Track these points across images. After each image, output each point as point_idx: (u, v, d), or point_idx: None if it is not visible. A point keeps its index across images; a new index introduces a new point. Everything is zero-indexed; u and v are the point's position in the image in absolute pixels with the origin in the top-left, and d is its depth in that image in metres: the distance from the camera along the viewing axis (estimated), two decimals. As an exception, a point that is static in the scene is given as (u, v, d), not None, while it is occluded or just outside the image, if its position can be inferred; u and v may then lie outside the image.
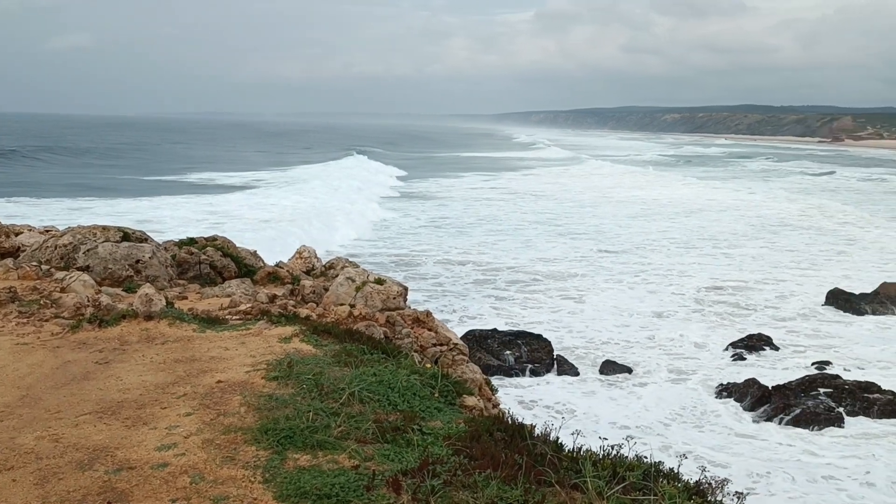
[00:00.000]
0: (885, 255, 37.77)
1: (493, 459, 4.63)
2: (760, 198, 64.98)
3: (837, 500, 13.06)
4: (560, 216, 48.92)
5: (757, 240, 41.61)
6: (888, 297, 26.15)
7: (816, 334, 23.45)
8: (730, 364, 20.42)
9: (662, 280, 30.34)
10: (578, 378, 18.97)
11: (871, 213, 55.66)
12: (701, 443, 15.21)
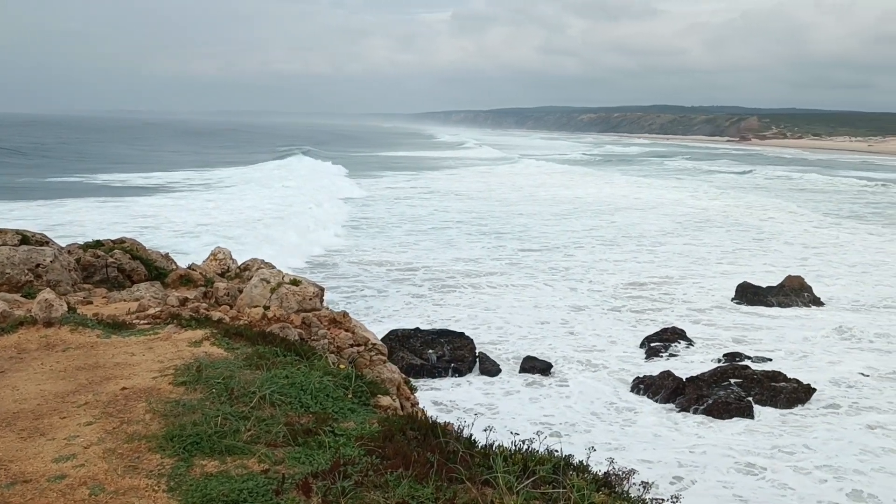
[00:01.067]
0: (802, 250, 39.37)
1: (405, 458, 4.59)
2: (684, 195, 66.82)
3: (749, 488, 13.51)
4: (485, 216, 49.21)
5: (681, 236, 42.72)
6: (792, 290, 27.27)
7: (727, 327, 24.26)
8: (645, 358, 20.92)
9: (584, 277, 30.88)
10: (500, 375, 19.11)
11: (790, 209, 58.09)
12: (617, 436, 15.51)
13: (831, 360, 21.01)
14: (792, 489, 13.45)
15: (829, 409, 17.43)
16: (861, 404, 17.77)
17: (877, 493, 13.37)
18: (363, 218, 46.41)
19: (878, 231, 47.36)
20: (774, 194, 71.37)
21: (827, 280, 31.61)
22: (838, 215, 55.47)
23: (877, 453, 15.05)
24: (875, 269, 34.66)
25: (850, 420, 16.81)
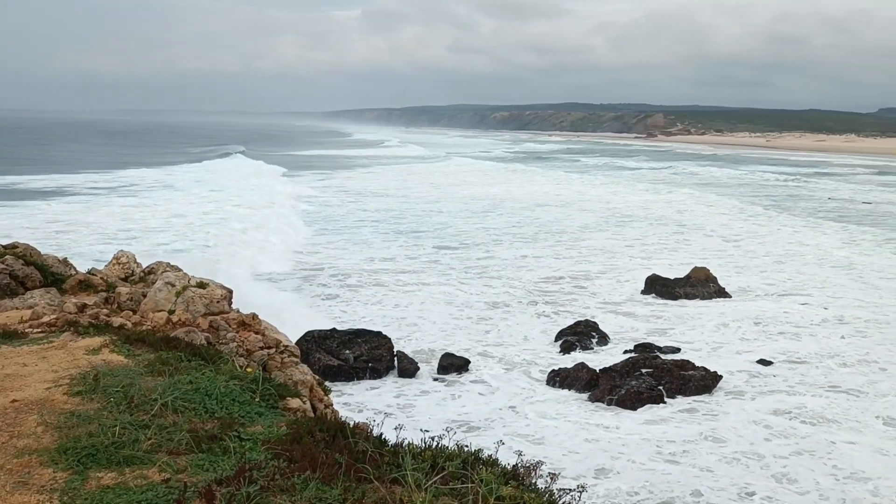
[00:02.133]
0: (721, 242, 40.74)
1: (313, 460, 4.48)
2: (604, 191, 68.17)
3: (671, 473, 13.84)
4: (403, 214, 49.05)
5: (603, 232, 43.53)
6: (699, 281, 28.18)
7: (639, 319, 24.89)
8: (560, 351, 21.25)
9: (501, 274, 31.14)
10: (418, 374, 19.07)
11: (708, 202, 60.08)
12: (534, 429, 15.68)
13: (737, 349, 21.82)
14: (712, 472, 13.87)
15: (737, 396, 18.08)
16: (766, 390, 18.50)
17: (797, 477, 13.92)
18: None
19: (790, 223, 49.47)
20: (693, 189, 73.70)
21: (740, 270, 32.90)
22: (754, 208, 57.47)
23: (786, 436, 15.70)
24: (788, 258, 36.21)
25: (758, 405, 17.47)
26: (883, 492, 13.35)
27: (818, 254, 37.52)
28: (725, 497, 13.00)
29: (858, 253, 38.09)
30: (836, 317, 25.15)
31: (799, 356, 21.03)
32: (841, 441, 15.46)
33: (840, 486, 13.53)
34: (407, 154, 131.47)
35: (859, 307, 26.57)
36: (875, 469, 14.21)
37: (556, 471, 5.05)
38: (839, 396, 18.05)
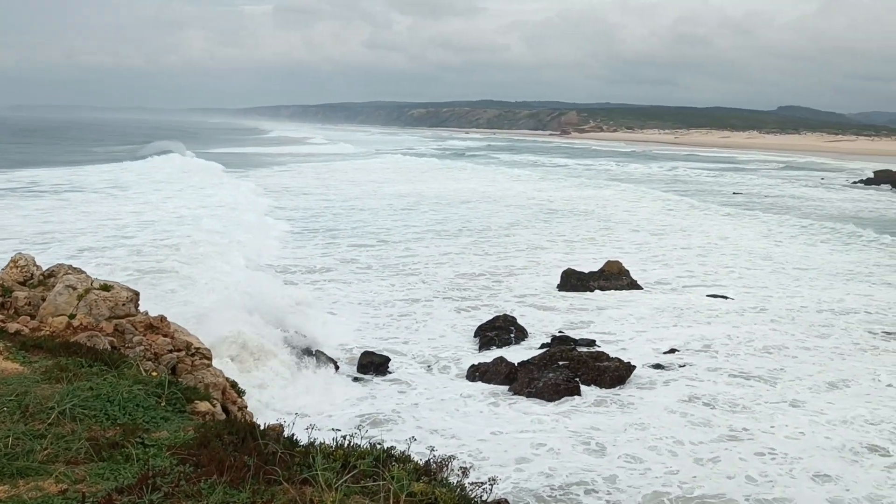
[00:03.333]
0: (646, 236, 41.69)
1: (220, 464, 4.35)
2: (528, 187, 68.92)
3: (596, 464, 14.07)
4: (321, 213, 48.39)
5: (528, 228, 43.90)
6: (612, 274, 28.82)
7: (556, 312, 25.27)
8: (479, 346, 21.37)
9: (422, 271, 31.12)
10: (337, 372, 18.86)
11: (630, 197, 61.51)
12: (451, 423, 15.72)
13: (650, 339, 22.41)
14: (641, 461, 14.18)
15: (651, 385, 18.56)
16: (679, 379, 19.06)
17: (719, 461, 14.38)
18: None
19: (711, 216, 51.15)
20: (616, 184, 75.34)
21: (664, 263, 33.89)
22: (676, 202, 59.21)
23: (703, 423, 16.20)
24: (709, 251, 37.44)
25: (671, 394, 17.99)
26: (798, 473, 13.97)
27: (737, 245, 38.95)
28: (644, 482, 13.33)
29: (775, 244, 39.77)
30: (750, 307, 26.12)
31: (711, 345, 21.76)
32: (755, 426, 16.08)
33: (760, 468, 14.07)
34: (333, 151, 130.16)
35: (775, 297, 27.67)
36: (791, 451, 14.84)
37: (474, 465, 5.06)
38: (751, 383, 18.76)
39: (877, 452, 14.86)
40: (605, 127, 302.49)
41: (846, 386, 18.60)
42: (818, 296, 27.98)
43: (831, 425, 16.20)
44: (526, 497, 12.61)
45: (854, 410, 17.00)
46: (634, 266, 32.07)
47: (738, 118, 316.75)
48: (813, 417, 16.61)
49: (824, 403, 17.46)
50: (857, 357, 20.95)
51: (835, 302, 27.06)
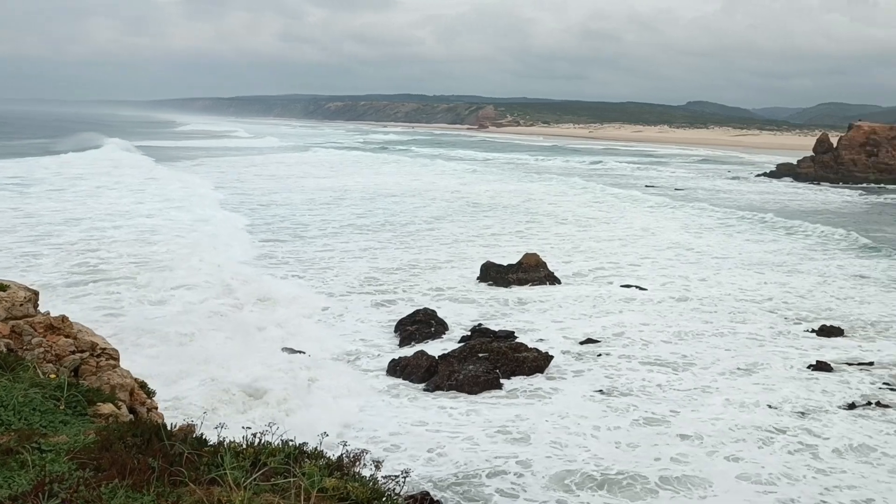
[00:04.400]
0: (572, 229, 42.31)
1: (123, 467, 4.15)
2: (454, 182, 69.18)
3: (521, 453, 14.18)
4: (237, 208, 47.11)
5: (454, 222, 43.94)
6: (530, 266, 29.14)
7: (475, 305, 25.37)
8: (400, 341, 21.28)
9: (338, 266, 30.76)
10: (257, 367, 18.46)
11: (557, 191, 62.39)
12: (369, 418, 15.60)
13: (566, 330, 22.78)
14: (559, 446, 14.38)
15: (569, 374, 18.89)
16: (595, 368, 19.46)
17: (638, 445, 14.79)
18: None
19: (637, 209, 52.39)
20: (541, 178, 76.36)
21: (581, 255, 34.49)
22: (601, 195, 60.45)
23: (620, 409, 16.58)
24: (632, 241, 38.39)
25: (588, 381, 18.36)
26: (711, 454, 14.49)
27: (659, 237, 40.10)
28: (558, 465, 13.54)
29: (695, 236, 41.03)
30: (668, 296, 26.89)
31: (627, 334, 22.30)
32: (670, 411, 16.55)
33: (674, 450, 14.49)
34: (262, 145, 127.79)
35: (693, 286, 28.57)
36: (705, 432, 15.35)
37: (389, 457, 4.98)
38: (666, 369, 19.31)
39: (785, 433, 15.51)
40: (521, 121, 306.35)
41: (757, 371, 19.34)
42: (735, 284, 29.03)
43: (743, 408, 16.82)
44: (438, 486, 12.65)
45: (765, 394, 17.70)
46: (558, 258, 32.70)
47: (650, 113, 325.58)
48: (725, 401, 17.21)
49: (736, 388, 18.11)
50: (769, 343, 21.78)
51: (750, 290, 28.09)
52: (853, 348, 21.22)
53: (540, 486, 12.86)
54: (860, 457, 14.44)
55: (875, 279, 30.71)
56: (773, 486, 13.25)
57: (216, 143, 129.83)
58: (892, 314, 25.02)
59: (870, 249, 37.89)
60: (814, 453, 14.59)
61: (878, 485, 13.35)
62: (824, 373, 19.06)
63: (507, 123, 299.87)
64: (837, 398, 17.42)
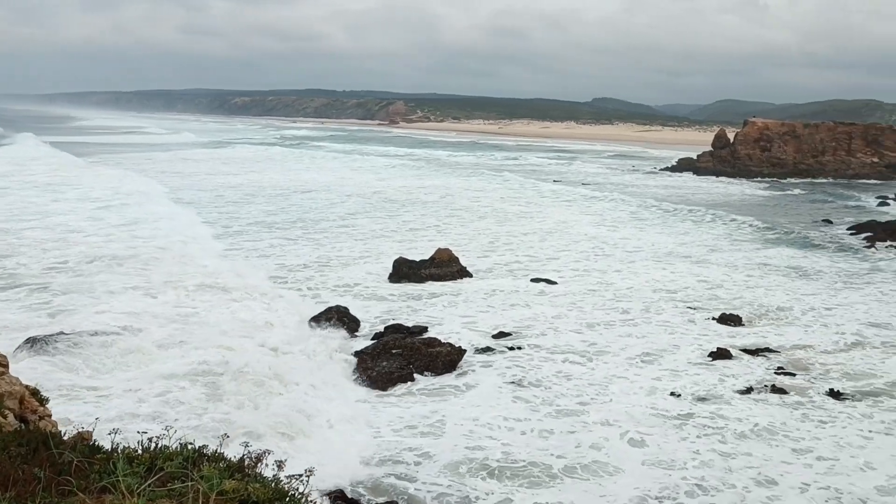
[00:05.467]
0: (491, 224, 42.50)
1: (6, 479, 3.89)
2: (374, 176, 68.90)
3: (435, 446, 14.17)
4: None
5: (369, 218, 43.49)
6: (442, 262, 29.21)
7: (389, 301, 25.24)
8: (313, 336, 20.95)
9: (247, 261, 30.10)
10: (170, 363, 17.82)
11: (477, 186, 62.68)
12: (280, 419, 15.31)
13: (479, 324, 22.97)
14: (472, 437, 14.44)
15: (481, 368, 19.02)
16: (507, 360, 19.69)
17: (555, 433, 15.06)
18: None
19: (554, 203, 53.24)
20: (458, 173, 76.71)
21: (498, 249, 34.83)
22: (519, 190, 61.19)
23: (529, 400, 16.81)
24: (549, 236, 38.91)
25: (501, 374, 18.55)
26: (617, 440, 14.92)
27: (575, 230, 40.85)
28: (468, 455, 13.62)
29: (609, 228, 42.03)
30: (579, 289, 27.39)
31: (538, 327, 22.62)
32: (579, 400, 16.88)
33: (585, 437, 14.80)
34: (179, 141, 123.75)
35: (605, 278, 29.20)
36: (612, 419, 15.72)
37: (294, 456, 4.85)
38: (576, 360, 19.69)
39: (688, 418, 16.05)
40: (432, 117, 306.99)
41: (662, 359, 19.95)
42: (646, 276, 29.85)
43: (648, 395, 17.34)
44: (342, 482, 12.55)
45: (669, 381, 18.27)
46: (475, 253, 32.98)
47: (557, 109, 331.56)
48: (632, 389, 17.69)
49: (642, 376, 18.65)
50: (675, 332, 22.47)
51: (659, 281, 28.94)
52: (752, 335, 22.15)
53: (431, 473, 12.94)
54: (761, 439, 15.08)
55: (775, 267, 32.17)
56: (680, 469, 13.70)
57: (131, 139, 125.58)
58: (790, 301, 26.22)
59: (771, 240, 39.68)
60: (716, 437, 15.15)
61: (779, 465, 13.96)
62: (724, 360, 19.81)
63: (417, 119, 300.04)
64: (736, 384, 18.14)
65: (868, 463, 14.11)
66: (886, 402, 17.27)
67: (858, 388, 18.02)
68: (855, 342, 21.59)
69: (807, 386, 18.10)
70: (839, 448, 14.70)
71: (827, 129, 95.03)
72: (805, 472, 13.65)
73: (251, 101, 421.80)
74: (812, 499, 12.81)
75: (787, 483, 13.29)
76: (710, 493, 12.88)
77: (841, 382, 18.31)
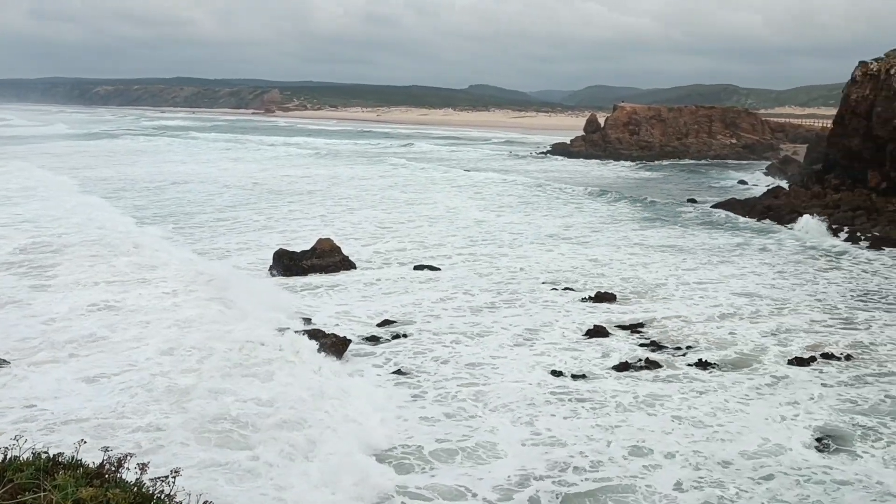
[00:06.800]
0: (371, 212, 42.04)
1: None
2: (256, 167, 67.31)
3: (317, 435, 13.84)
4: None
5: (251, 210, 42.39)
6: (324, 252, 28.76)
7: (271, 293, 24.57)
8: (181, 332, 20.16)
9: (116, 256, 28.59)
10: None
11: (361, 175, 61.83)
12: (150, 421, 14.63)
13: (363, 313, 22.79)
14: (352, 426, 14.22)
15: (366, 357, 18.87)
16: (390, 349, 19.63)
17: (428, 418, 15.14)
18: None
19: (445, 190, 53.25)
20: (342, 161, 75.71)
21: (384, 237, 34.60)
22: (407, 177, 61.03)
23: (412, 387, 16.89)
24: (435, 222, 38.89)
25: (386, 363, 18.52)
26: (507, 418, 15.16)
27: (463, 217, 41.09)
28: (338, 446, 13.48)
29: (496, 214, 42.56)
30: (463, 275, 27.53)
31: (424, 312, 22.70)
32: (464, 383, 17.05)
33: (466, 422, 14.91)
34: (50, 133, 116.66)
35: (490, 263, 29.43)
36: (499, 402, 15.96)
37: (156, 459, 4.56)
38: (461, 345, 19.85)
39: (567, 396, 16.48)
40: (309, 105, 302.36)
41: (542, 339, 20.39)
42: (530, 258, 30.40)
43: (529, 374, 17.69)
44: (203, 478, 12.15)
45: (548, 360, 18.70)
46: (359, 241, 32.73)
47: (435, 96, 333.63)
48: (514, 370, 18.00)
49: (523, 356, 19.01)
50: (555, 312, 22.99)
51: (543, 263, 29.55)
52: (629, 312, 22.97)
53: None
54: (638, 412, 15.65)
55: (651, 245, 33.52)
56: (561, 446, 14.03)
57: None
58: (666, 277, 27.35)
59: (648, 219, 41.50)
60: (595, 412, 15.61)
61: (655, 435, 14.53)
62: (601, 337, 20.46)
63: (294, 108, 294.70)
64: (613, 359, 18.76)
65: (737, 428, 14.89)
66: (758, 367, 18.30)
67: (727, 358, 19.02)
68: (726, 313, 22.78)
69: (680, 358, 18.94)
70: (712, 416, 15.45)
71: (689, 113, 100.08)
72: (679, 441, 14.26)
73: (115, 90, 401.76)
74: (678, 464, 13.38)
75: (659, 450, 13.86)
76: (594, 469, 13.26)
77: (712, 352, 19.26)
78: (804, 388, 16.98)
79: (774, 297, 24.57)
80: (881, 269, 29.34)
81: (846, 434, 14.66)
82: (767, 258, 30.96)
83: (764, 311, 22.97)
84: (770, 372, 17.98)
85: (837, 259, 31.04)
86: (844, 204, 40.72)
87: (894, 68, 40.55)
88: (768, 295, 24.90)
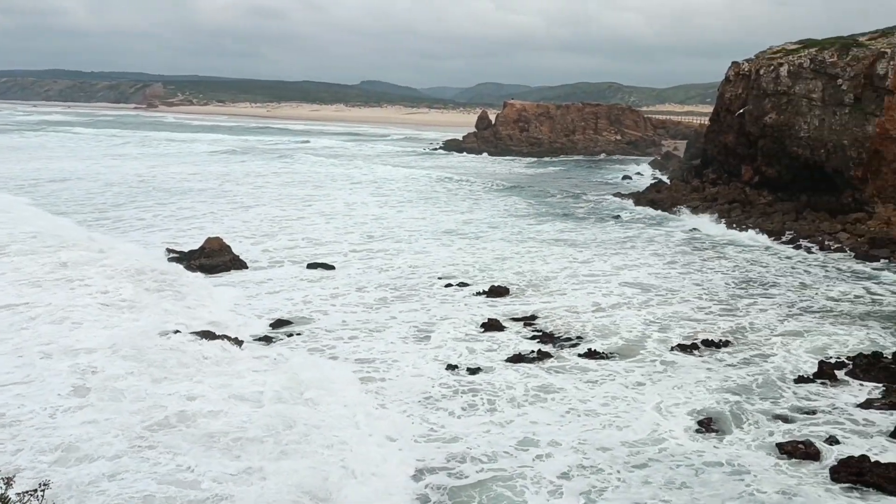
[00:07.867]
0: (267, 210, 41.29)
1: None
2: (144, 164, 64.93)
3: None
4: None
5: (137, 208, 41.05)
6: (213, 251, 27.98)
7: (163, 295, 23.66)
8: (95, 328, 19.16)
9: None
10: None
11: (259, 172, 60.48)
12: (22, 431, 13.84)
13: (256, 312, 22.24)
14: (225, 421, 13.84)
15: (260, 357, 18.43)
16: (285, 349, 19.24)
17: (328, 414, 14.62)
18: None
19: (343, 187, 52.44)
20: (243, 159, 74.09)
21: (278, 235, 33.88)
22: (305, 175, 59.89)
23: (308, 388, 16.50)
24: (332, 219, 38.45)
25: (281, 362, 18.10)
26: (401, 415, 14.93)
27: (361, 213, 40.83)
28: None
29: (396, 209, 42.64)
30: (357, 271, 27.52)
31: (318, 311, 22.55)
32: (358, 378, 16.89)
33: (373, 417, 14.74)
34: None
35: (384, 259, 29.44)
36: (392, 399, 15.85)
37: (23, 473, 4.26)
38: (356, 340, 19.73)
39: (462, 390, 16.61)
40: (195, 100, 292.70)
41: (437, 334, 20.52)
42: (427, 255, 30.55)
43: (423, 368, 17.74)
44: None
45: (443, 355, 18.81)
46: (250, 240, 32.03)
47: (326, 92, 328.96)
48: (407, 365, 18.02)
49: (417, 351, 19.07)
50: (450, 307, 23.15)
51: (440, 259, 29.76)
52: (522, 305, 23.37)
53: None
54: (529, 405, 15.89)
55: (544, 240, 34.27)
56: (456, 442, 14.10)
57: None
58: (558, 271, 27.96)
59: (541, 213, 42.52)
60: (490, 405, 15.78)
61: (545, 427, 14.81)
62: (495, 331, 20.74)
63: (178, 102, 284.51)
64: (507, 352, 19.05)
65: (620, 415, 15.37)
66: (645, 356, 18.96)
67: (613, 345, 19.62)
68: (615, 304, 23.50)
69: (570, 349, 19.39)
70: (603, 405, 15.89)
71: (576, 110, 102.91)
72: (567, 431, 14.56)
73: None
74: (562, 452, 13.69)
75: (545, 440, 14.12)
76: (489, 460, 13.40)
77: (599, 342, 19.81)
78: (689, 373, 17.72)
79: (663, 287, 25.59)
80: (760, 257, 31.05)
81: (722, 416, 15.37)
82: (658, 249, 32.25)
83: (653, 301, 23.86)
84: (651, 359, 18.66)
85: (722, 249, 32.65)
86: (721, 197, 42.85)
87: (763, 69, 42.82)
88: (658, 285, 25.90)
